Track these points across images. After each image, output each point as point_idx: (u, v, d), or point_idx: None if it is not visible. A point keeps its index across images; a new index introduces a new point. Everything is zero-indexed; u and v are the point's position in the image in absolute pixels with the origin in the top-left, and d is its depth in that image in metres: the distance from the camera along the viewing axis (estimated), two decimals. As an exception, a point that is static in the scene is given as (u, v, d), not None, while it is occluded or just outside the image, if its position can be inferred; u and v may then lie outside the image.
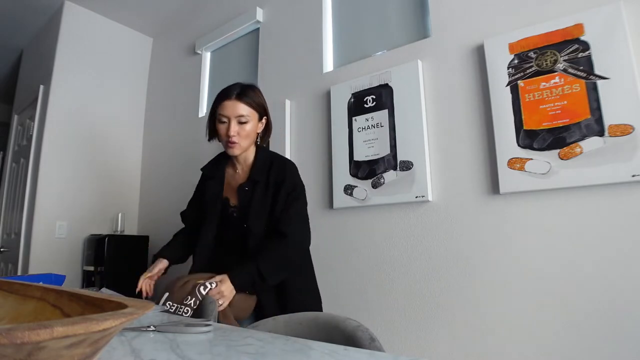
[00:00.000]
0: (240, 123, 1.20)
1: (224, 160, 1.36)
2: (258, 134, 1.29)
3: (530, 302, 1.35)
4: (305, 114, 2.15)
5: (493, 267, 1.44)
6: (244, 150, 1.26)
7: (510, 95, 1.47)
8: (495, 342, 1.40)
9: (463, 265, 1.51)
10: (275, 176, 1.24)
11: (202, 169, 1.41)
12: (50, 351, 0.26)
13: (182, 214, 1.52)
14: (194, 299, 0.99)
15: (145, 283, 1.25)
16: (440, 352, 1.51)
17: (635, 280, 1.19)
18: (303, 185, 1.29)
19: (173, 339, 0.61)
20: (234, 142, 1.21)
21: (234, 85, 1.24)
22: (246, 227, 1.21)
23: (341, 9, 2.17)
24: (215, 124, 1.26)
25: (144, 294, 1.23)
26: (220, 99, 1.23)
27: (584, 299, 1.26)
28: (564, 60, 1.37)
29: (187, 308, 0.97)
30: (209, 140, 1.33)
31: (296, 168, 1.30)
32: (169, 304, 1.00)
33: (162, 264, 1.35)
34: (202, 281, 1.04)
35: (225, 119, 1.21)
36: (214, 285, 1.04)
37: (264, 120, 1.30)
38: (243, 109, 1.20)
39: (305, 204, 1.28)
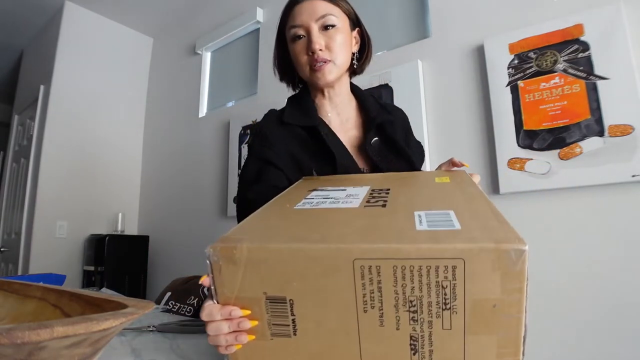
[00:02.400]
0: (326, 29, 0.76)
1: (306, 105, 0.83)
2: (353, 54, 0.83)
3: (529, 302, 1.35)
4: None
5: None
6: (341, 73, 0.79)
7: (510, 96, 1.47)
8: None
9: (463, 266, 1.51)
10: (401, 119, 0.88)
11: (289, 121, 0.81)
12: (51, 351, 0.26)
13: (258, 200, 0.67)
14: (197, 298, 0.99)
15: None
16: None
17: (635, 280, 1.19)
18: None
19: (173, 339, 0.61)
20: (323, 60, 0.75)
21: None
22: None
23: (341, 9, 2.17)
24: (284, 56, 0.85)
25: None
26: (288, 7, 0.81)
27: (583, 299, 1.26)
28: (564, 61, 1.37)
29: (189, 307, 0.97)
30: (281, 80, 0.91)
31: None
32: (172, 303, 1.00)
33: None
34: None
35: (301, 31, 0.76)
36: None
37: (357, 34, 0.84)
38: (324, 6, 0.77)
39: None
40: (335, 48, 0.75)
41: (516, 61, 1.47)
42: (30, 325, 0.24)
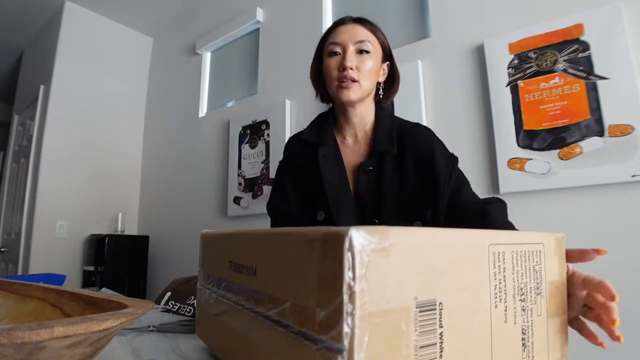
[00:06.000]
0: (360, 53, 0.82)
1: (327, 123, 0.91)
2: (379, 83, 0.89)
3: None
4: (306, 114, 2.15)
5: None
6: (364, 96, 0.84)
7: (510, 96, 1.47)
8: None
9: (463, 265, 1.51)
10: (415, 148, 0.83)
11: (301, 136, 0.93)
12: (51, 351, 0.26)
13: (274, 210, 0.93)
14: (197, 298, 0.99)
15: None
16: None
17: (635, 280, 1.19)
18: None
19: (173, 339, 0.61)
20: (351, 78, 0.80)
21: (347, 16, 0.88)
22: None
23: (341, 9, 2.17)
24: (320, 68, 0.88)
25: None
26: (332, 27, 0.88)
27: (583, 299, 1.26)
28: (564, 61, 1.37)
29: (189, 307, 0.97)
30: (318, 98, 0.96)
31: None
32: (172, 303, 1.00)
33: None
34: None
35: (338, 49, 0.82)
36: None
37: (386, 67, 0.90)
38: (364, 33, 0.84)
39: None
40: (364, 71, 0.81)
41: (516, 61, 1.47)
42: (30, 325, 0.24)
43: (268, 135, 2.26)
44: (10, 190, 3.11)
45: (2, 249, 2.92)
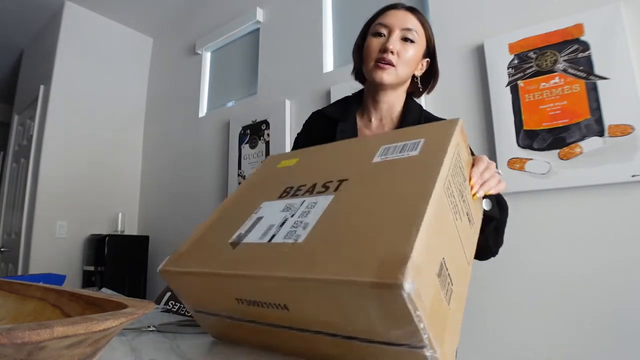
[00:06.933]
0: (405, 40, 0.83)
1: (353, 104, 0.93)
2: (415, 77, 0.90)
3: (530, 302, 1.35)
4: (306, 114, 2.15)
5: (492, 267, 1.44)
6: (397, 83, 0.85)
7: (510, 96, 1.47)
8: (494, 342, 1.40)
9: (463, 265, 1.50)
10: None
11: (323, 111, 0.97)
12: (51, 351, 0.26)
13: None
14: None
15: None
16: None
17: (635, 280, 1.19)
18: None
19: (173, 339, 0.61)
20: (388, 63, 0.81)
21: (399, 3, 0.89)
22: None
23: (341, 9, 2.17)
24: (362, 49, 0.89)
25: None
26: (384, 9, 0.89)
27: (583, 299, 1.26)
28: (564, 61, 1.37)
29: None
30: (353, 73, 0.96)
31: None
32: (172, 303, 1.00)
33: None
34: None
35: (384, 30, 0.84)
36: None
37: (425, 64, 0.91)
38: (414, 22, 0.84)
39: None
40: (404, 58, 0.82)
41: (516, 61, 1.47)
42: (31, 325, 0.24)
43: (268, 135, 2.26)
44: (10, 190, 3.11)
45: (2, 249, 2.92)
